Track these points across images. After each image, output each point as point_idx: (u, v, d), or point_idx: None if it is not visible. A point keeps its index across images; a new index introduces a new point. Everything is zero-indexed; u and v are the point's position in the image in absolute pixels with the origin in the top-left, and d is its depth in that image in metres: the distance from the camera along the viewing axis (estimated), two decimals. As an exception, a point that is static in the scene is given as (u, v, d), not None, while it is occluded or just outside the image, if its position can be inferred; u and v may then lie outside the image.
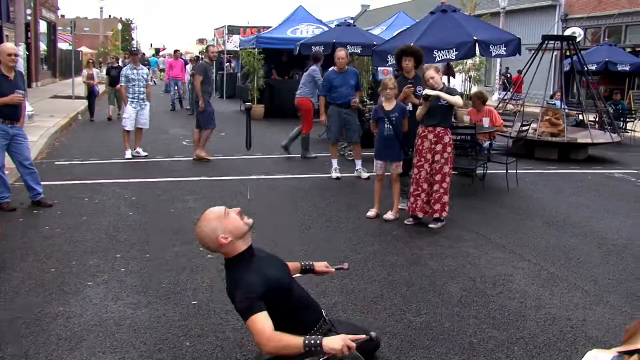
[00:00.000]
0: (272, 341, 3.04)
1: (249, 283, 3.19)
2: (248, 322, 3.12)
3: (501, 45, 10.67)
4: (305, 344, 3.00)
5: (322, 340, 3.01)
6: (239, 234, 3.32)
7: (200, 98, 11.45)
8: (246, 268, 3.29)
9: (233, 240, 3.30)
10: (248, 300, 3.13)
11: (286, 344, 3.04)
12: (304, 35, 18.99)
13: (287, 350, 3.05)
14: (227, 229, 3.29)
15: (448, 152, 7.09)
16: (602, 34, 27.02)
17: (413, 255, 6.19)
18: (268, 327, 3.08)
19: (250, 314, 3.10)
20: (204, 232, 3.32)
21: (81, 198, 8.25)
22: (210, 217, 3.33)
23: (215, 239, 3.28)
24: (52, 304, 4.78)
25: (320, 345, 3.00)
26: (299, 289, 3.58)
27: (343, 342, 3.03)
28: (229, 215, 3.34)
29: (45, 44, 36.01)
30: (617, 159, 13.37)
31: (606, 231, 7.30)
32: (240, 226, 3.33)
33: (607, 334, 4.49)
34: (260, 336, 3.07)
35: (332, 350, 3.01)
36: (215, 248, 3.35)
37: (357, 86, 10.17)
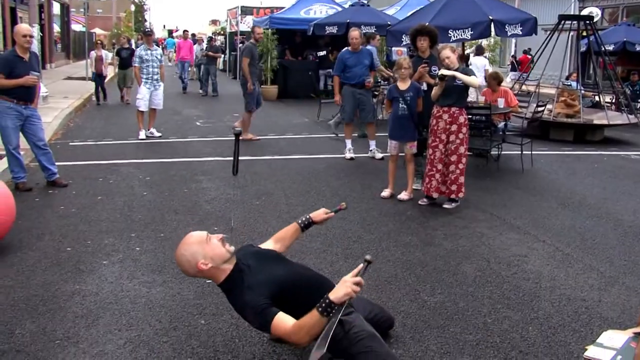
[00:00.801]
0: (297, 334, 3.01)
1: (252, 301, 3.15)
2: (272, 331, 3.11)
3: (517, 25, 10.57)
4: (320, 312, 2.96)
5: (329, 297, 2.97)
6: (219, 261, 3.27)
7: (249, 79, 11.44)
8: (242, 289, 3.24)
9: (213, 265, 3.25)
10: (259, 314, 3.11)
11: (308, 326, 3.00)
12: (317, 16, 18.91)
13: (314, 329, 3.00)
14: (208, 255, 3.24)
15: (463, 132, 7.05)
16: (619, 13, 26.66)
17: (427, 236, 6.18)
18: (289, 324, 3.05)
19: (268, 324, 3.09)
20: (183, 257, 3.26)
21: (96, 178, 8.29)
22: (190, 242, 3.28)
23: (195, 264, 3.23)
24: (68, 282, 4.82)
25: (332, 302, 2.95)
26: (302, 270, 3.57)
27: (348, 283, 2.98)
28: (210, 241, 3.29)
29: (59, 25, 36.08)
30: (633, 140, 13.25)
31: (622, 212, 7.25)
32: (222, 253, 3.28)
33: (622, 315, 4.47)
34: (288, 337, 3.06)
35: (345, 297, 2.95)
36: (193, 273, 3.30)
37: (371, 65, 10.11)
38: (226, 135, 12.02)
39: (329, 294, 3.00)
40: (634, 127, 14.07)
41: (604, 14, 26.88)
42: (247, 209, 6.98)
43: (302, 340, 3.04)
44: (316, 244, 5.80)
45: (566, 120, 12.63)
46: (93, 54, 17.60)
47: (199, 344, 3.89)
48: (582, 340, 4.04)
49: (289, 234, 4.02)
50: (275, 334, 3.12)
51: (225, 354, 3.76)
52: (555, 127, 12.73)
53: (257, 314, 3.12)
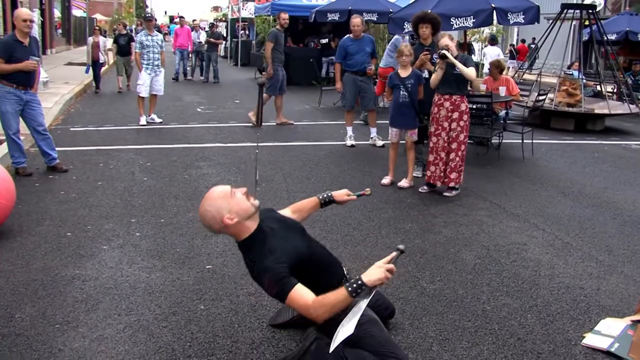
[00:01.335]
0: (318, 309, 2.96)
1: (272, 266, 3.06)
2: (287, 302, 3.03)
3: (519, 13, 10.51)
4: (349, 292, 2.93)
5: (362, 278, 2.94)
6: (244, 215, 3.18)
7: (270, 64, 11.42)
8: (262, 250, 3.15)
9: (239, 220, 3.16)
10: (278, 282, 3.02)
11: (333, 303, 2.96)
12: (319, 2, 18.85)
13: (336, 308, 2.98)
14: (233, 209, 3.15)
15: (464, 120, 7.04)
16: (622, 2, 26.56)
17: (427, 223, 6.18)
18: (309, 298, 2.99)
19: (286, 294, 3.00)
20: (208, 212, 3.18)
21: (96, 163, 8.29)
22: (215, 196, 3.20)
23: (220, 219, 3.14)
24: (68, 267, 4.83)
25: (364, 283, 2.93)
26: (319, 248, 3.50)
27: (382, 269, 2.95)
28: (234, 195, 3.19)
29: (59, 10, 35.98)
30: (634, 130, 13.24)
31: (621, 202, 7.25)
32: (247, 207, 3.19)
33: (620, 303, 4.48)
34: (305, 310, 2.99)
35: (378, 281, 2.94)
36: (218, 229, 3.21)
37: (372, 53, 10.09)
38: (227, 122, 12.02)
39: (361, 275, 2.97)
40: (635, 117, 14.05)
41: (606, 3, 26.77)
42: (247, 195, 6.97)
43: (321, 316, 2.98)
44: (316, 230, 5.80)
45: (567, 110, 12.60)
46: (90, 40, 17.10)
47: (198, 329, 3.90)
48: (580, 328, 4.05)
49: (308, 207, 3.89)
50: (291, 305, 3.05)
51: (224, 339, 3.78)
52: (556, 116, 12.71)
53: (276, 281, 3.02)
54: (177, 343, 3.72)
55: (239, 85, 19.97)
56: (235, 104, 15.04)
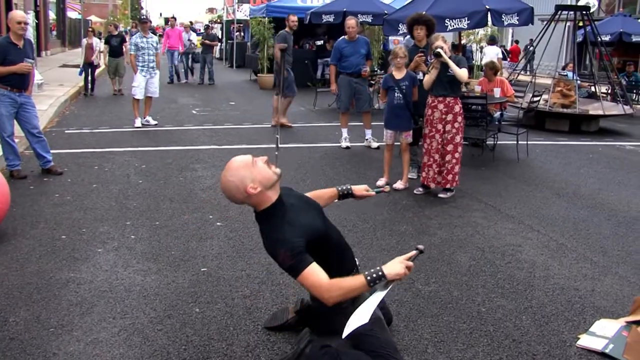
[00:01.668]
0: (332, 291, 2.92)
1: (290, 239, 3.01)
2: (299, 278, 2.98)
3: (513, 14, 10.56)
4: (368, 280, 2.91)
5: (383, 269, 2.93)
6: (267, 183, 3.14)
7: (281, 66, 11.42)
8: (281, 221, 3.11)
9: (262, 190, 3.13)
10: (293, 257, 2.97)
11: (349, 288, 2.94)
12: (314, 4, 18.83)
13: (351, 294, 2.97)
14: (256, 178, 3.11)
15: (459, 121, 7.05)
16: (616, 4, 26.64)
17: (422, 225, 6.19)
18: (323, 278, 2.94)
19: (300, 270, 2.96)
20: (230, 182, 3.11)
21: (91, 166, 8.28)
22: (236, 166, 3.14)
23: (244, 189, 3.09)
24: (63, 270, 4.82)
25: (384, 275, 2.92)
26: (336, 233, 3.45)
27: (402, 264, 2.95)
28: (256, 164, 3.16)
29: (54, 12, 35.91)
30: (628, 130, 13.28)
31: (616, 203, 7.27)
32: (269, 175, 3.16)
33: (614, 304, 4.49)
34: (318, 289, 2.94)
35: (397, 276, 2.93)
36: (242, 199, 3.15)
37: (367, 55, 10.10)
38: (222, 124, 12.02)
39: (382, 266, 2.96)
40: (629, 118, 14.11)
41: (600, 4, 26.86)
42: (242, 197, 6.97)
43: (333, 299, 2.94)
44: (311, 232, 5.80)
45: (562, 111, 12.63)
46: (84, 41, 16.82)
47: (193, 332, 3.89)
48: (575, 329, 4.06)
49: (326, 196, 3.85)
50: (303, 281, 2.99)
51: (219, 342, 3.77)
52: (551, 117, 12.74)
53: (292, 255, 2.98)
54: (172, 346, 3.71)
55: (234, 87, 19.96)
56: (230, 105, 15.03)
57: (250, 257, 5.18)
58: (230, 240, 5.57)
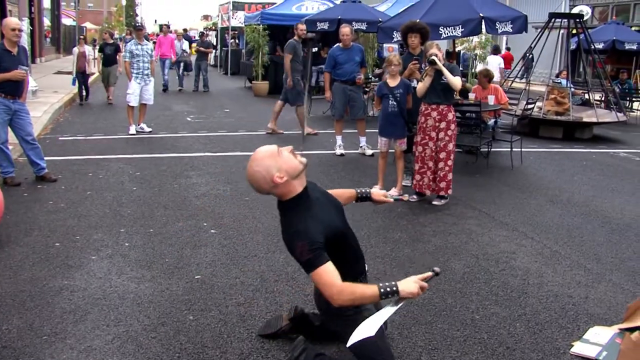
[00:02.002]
0: (343, 294, 2.91)
1: (311, 232, 3.00)
2: (313, 274, 2.96)
3: (507, 22, 10.60)
4: (381, 292, 2.91)
5: (397, 285, 2.93)
6: (293, 173, 3.12)
7: (289, 75, 11.39)
8: (304, 213, 3.09)
9: (288, 179, 3.11)
10: (312, 251, 2.95)
11: (360, 295, 2.94)
12: (309, 12, 18.88)
13: (361, 301, 2.97)
14: (282, 167, 3.09)
15: (452, 129, 7.07)
16: (609, 12, 26.78)
17: (416, 232, 6.19)
18: (337, 279, 2.93)
19: (315, 265, 2.94)
20: (257, 172, 3.09)
21: (85, 173, 8.27)
22: (262, 156, 3.12)
23: (270, 179, 3.07)
24: (56, 277, 4.80)
25: (397, 291, 2.92)
26: (351, 234, 3.44)
27: (417, 284, 2.95)
28: (282, 153, 3.14)
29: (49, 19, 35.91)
30: (621, 138, 13.33)
31: (609, 210, 7.29)
32: (295, 164, 3.14)
33: (608, 312, 4.50)
34: (330, 289, 2.92)
35: (410, 295, 2.94)
36: (268, 189, 3.13)
37: (362, 63, 10.12)
38: (216, 131, 12.02)
39: (397, 282, 2.96)
40: (622, 125, 14.17)
41: (594, 12, 26.99)
42: (236, 204, 6.98)
43: (341, 302, 2.93)
44: (305, 240, 5.81)
45: (556, 118, 12.67)
46: (76, 50, 16.31)
47: (187, 339, 3.89)
48: (569, 337, 4.07)
49: (344, 196, 3.84)
50: (316, 278, 2.96)
51: (213, 350, 3.77)
52: (544, 125, 12.78)
53: (310, 249, 2.95)
54: (165, 354, 3.71)
55: (228, 94, 19.96)
56: (225, 113, 15.03)
57: (245, 264, 5.17)
58: (224, 248, 5.56)
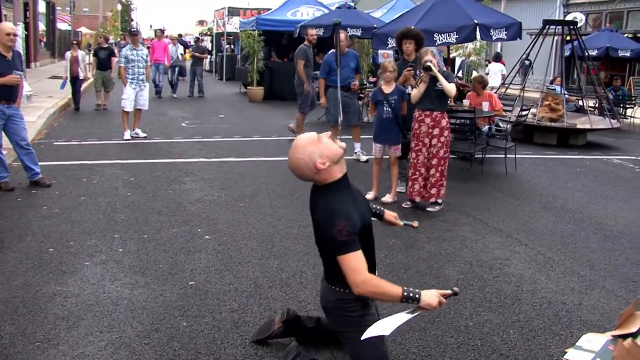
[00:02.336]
0: (368, 284, 2.93)
1: (350, 216, 3.00)
2: (344, 257, 2.95)
3: (502, 29, 10.63)
4: (403, 295, 2.92)
5: (420, 293, 2.94)
6: (335, 158, 3.13)
7: (305, 81, 11.42)
8: (345, 198, 3.12)
9: (330, 164, 3.11)
10: (349, 234, 2.95)
11: (383, 290, 2.95)
12: (304, 17, 18.90)
13: (382, 297, 2.98)
14: (324, 153, 3.10)
15: (445, 135, 7.08)
16: (603, 19, 26.90)
17: (410, 239, 6.19)
18: (365, 267, 2.95)
19: (349, 249, 2.94)
20: (300, 160, 3.11)
21: (79, 178, 8.25)
22: (303, 143, 3.13)
23: (313, 165, 3.08)
24: (50, 283, 4.79)
25: (419, 299, 2.94)
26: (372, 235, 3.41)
27: (438, 299, 2.97)
28: (322, 140, 3.16)
29: (44, 23, 35.89)
30: (615, 144, 13.37)
31: (603, 216, 7.31)
32: (336, 149, 3.14)
33: (601, 318, 4.51)
34: (356, 275, 2.93)
35: (428, 306, 2.95)
36: (311, 175, 3.14)
37: (357, 69, 10.13)
38: (212, 137, 12.01)
39: (421, 291, 2.98)
40: (616, 132, 14.22)
41: (587, 19, 27.09)
42: (230, 210, 6.97)
43: (363, 291, 2.94)
44: (299, 246, 5.81)
45: (550, 125, 12.71)
46: (68, 54, 16.01)
47: (181, 346, 3.88)
48: (562, 343, 4.07)
49: None
50: (344, 261, 2.96)
51: (207, 356, 3.76)
52: (539, 131, 12.81)
53: (349, 232, 2.96)
54: (159, 360, 3.70)
55: (223, 99, 19.97)
56: (219, 118, 15.03)
57: (239, 270, 5.17)
58: (218, 254, 5.56)
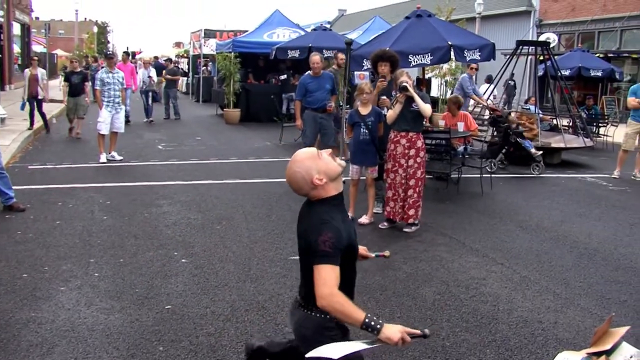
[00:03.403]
0: (334, 298, 2.86)
1: (339, 230, 2.98)
2: (319, 267, 2.90)
3: (475, 50, 10.75)
4: (364, 322, 2.85)
5: (383, 325, 2.86)
6: (332, 175, 3.11)
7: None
8: (337, 214, 3.08)
9: (327, 181, 3.09)
10: (333, 247, 2.91)
11: (346, 311, 2.88)
12: (280, 39, 19.02)
13: (342, 317, 2.91)
14: (322, 169, 3.08)
15: (421, 156, 7.14)
16: (575, 39, 27.36)
17: (387, 260, 6.15)
18: (336, 283, 2.89)
19: (328, 261, 2.89)
20: (297, 173, 3.08)
21: (54, 202, 8.18)
22: (302, 158, 3.12)
23: (310, 180, 3.06)
24: (23, 309, 4.74)
25: (379, 331, 2.86)
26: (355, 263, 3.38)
27: (401, 335, 2.89)
28: (321, 156, 3.14)
29: (19, 46, 35.67)
30: (589, 163, 13.55)
31: (577, 234, 7.39)
32: (334, 167, 3.12)
33: (577, 336, 4.55)
34: (324, 287, 2.87)
35: (388, 340, 2.87)
36: (307, 190, 3.11)
37: (332, 90, 10.20)
38: (188, 159, 11.99)
39: (384, 323, 2.90)
40: (590, 150, 14.41)
41: (560, 39, 27.54)
42: (207, 233, 6.95)
43: (327, 305, 2.87)
44: (276, 268, 5.80)
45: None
46: (27, 72, 15.23)
47: (157, 371, 3.85)
48: (538, 363, 4.10)
49: None
50: (320, 274, 2.89)
51: (183, 382, 3.73)
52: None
53: (333, 244, 2.92)
54: (134, 387, 3.66)
55: (200, 121, 19.95)
56: (196, 141, 15.00)
57: (215, 294, 5.15)
58: (195, 277, 5.53)
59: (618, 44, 24.99)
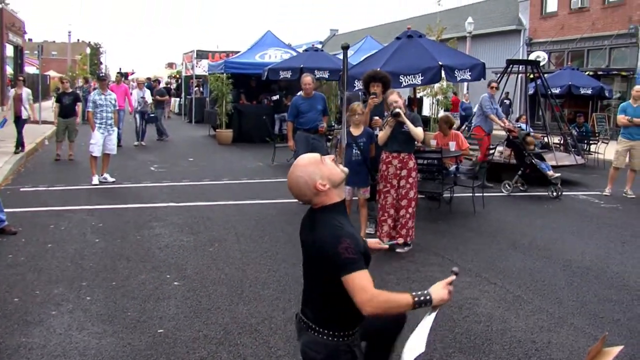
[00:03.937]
0: (377, 300, 2.82)
1: (353, 234, 2.94)
2: (349, 277, 2.84)
3: (466, 70, 10.85)
4: (415, 301, 2.85)
5: (430, 294, 2.88)
6: (335, 181, 3.10)
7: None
8: (345, 220, 3.07)
9: (330, 187, 3.08)
10: (354, 251, 2.87)
11: (394, 302, 2.88)
12: (272, 60, 19.10)
13: (393, 310, 2.92)
14: (325, 174, 3.07)
15: (413, 176, 7.16)
16: (565, 57, 27.58)
17: (380, 280, 6.19)
18: (372, 285, 2.85)
19: (355, 268, 2.85)
20: (300, 178, 3.08)
21: (46, 225, 8.15)
22: (305, 163, 3.11)
23: (313, 185, 3.05)
24: (14, 334, 4.70)
25: (431, 300, 2.88)
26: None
27: (446, 289, 2.91)
28: (324, 161, 3.13)
29: (12, 67, 35.68)
30: (581, 180, 13.60)
31: (570, 253, 7.40)
32: (337, 173, 3.11)
33: (570, 356, 4.55)
34: (363, 294, 2.82)
35: (442, 301, 2.90)
36: (310, 196, 3.11)
37: (324, 111, 10.24)
38: (181, 180, 11.98)
39: (430, 289, 2.91)
40: (581, 168, 14.47)
41: (550, 57, 27.75)
42: (200, 255, 6.93)
43: (373, 308, 2.83)
44: (269, 290, 5.79)
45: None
46: (12, 92, 14.97)
47: (149, 396, 3.82)
48: (532, 383, 4.09)
49: None
50: (349, 281, 2.84)
51: (175, 407, 3.71)
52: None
53: (355, 251, 2.86)
54: (127, 412, 3.64)
55: (193, 142, 19.97)
56: (189, 162, 15.01)
57: (208, 317, 5.13)
58: (187, 300, 5.51)
59: (607, 62, 25.21)
